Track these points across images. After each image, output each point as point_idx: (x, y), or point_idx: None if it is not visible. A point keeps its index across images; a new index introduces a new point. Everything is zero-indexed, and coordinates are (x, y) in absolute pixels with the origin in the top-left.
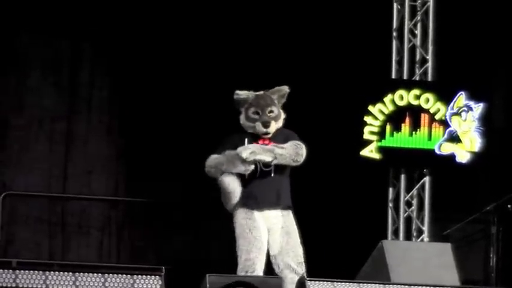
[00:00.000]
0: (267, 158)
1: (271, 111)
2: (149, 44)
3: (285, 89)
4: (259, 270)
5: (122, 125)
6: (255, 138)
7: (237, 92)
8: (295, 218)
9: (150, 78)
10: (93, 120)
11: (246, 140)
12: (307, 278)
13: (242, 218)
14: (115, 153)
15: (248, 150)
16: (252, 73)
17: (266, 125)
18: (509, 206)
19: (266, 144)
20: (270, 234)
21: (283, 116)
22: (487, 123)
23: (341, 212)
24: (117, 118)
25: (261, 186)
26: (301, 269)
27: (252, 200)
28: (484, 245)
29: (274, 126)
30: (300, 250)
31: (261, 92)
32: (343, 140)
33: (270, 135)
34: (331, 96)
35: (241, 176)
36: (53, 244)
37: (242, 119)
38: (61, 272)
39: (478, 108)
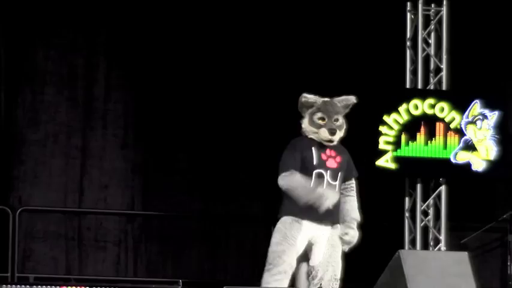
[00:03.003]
0: None
1: (337, 119)
2: (164, 57)
3: (352, 99)
4: (289, 277)
5: (137, 138)
6: (320, 146)
7: (305, 95)
8: None
9: (165, 91)
10: (109, 134)
11: (313, 149)
12: None
13: (283, 226)
14: (131, 167)
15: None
16: (266, 82)
17: (332, 132)
18: None
19: (332, 156)
20: (315, 244)
21: (345, 126)
22: (502, 131)
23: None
24: (132, 132)
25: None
26: (337, 285)
27: (306, 211)
28: (500, 253)
29: (338, 135)
30: (339, 266)
31: (329, 99)
32: (359, 150)
33: (333, 144)
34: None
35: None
36: (70, 259)
37: (305, 123)
38: (78, 287)
39: (493, 116)
